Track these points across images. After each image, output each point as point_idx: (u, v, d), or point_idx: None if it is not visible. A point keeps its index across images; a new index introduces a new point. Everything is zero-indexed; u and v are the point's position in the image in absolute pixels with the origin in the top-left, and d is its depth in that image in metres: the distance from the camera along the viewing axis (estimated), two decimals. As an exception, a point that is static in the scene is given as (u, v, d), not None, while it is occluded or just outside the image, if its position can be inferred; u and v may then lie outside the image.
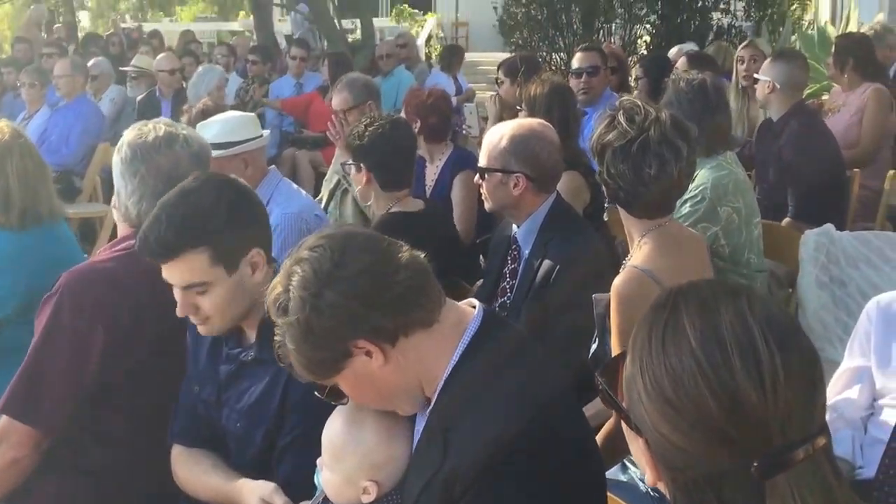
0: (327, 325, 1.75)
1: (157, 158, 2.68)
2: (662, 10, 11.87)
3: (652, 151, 2.57)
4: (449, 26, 23.75)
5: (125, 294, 2.58)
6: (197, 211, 2.29)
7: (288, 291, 1.77)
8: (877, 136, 5.54)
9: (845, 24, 8.55)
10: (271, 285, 1.84)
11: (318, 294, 1.74)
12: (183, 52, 10.94)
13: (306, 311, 1.74)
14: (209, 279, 2.29)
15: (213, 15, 27.16)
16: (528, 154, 3.24)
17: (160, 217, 2.27)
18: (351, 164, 3.90)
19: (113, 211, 2.86)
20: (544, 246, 3.23)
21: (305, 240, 1.85)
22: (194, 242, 2.27)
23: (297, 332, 1.77)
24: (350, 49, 12.43)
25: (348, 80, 5.36)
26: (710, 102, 3.81)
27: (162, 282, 2.34)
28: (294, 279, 1.77)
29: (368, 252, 1.81)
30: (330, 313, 1.74)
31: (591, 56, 5.85)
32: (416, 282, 1.81)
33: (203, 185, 2.37)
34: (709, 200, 3.70)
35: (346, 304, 1.75)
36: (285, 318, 1.77)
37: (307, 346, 1.77)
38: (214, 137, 3.83)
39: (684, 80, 3.89)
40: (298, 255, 1.80)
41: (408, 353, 1.81)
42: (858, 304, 3.79)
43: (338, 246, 1.80)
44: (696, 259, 2.78)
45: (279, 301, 1.79)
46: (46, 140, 7.40)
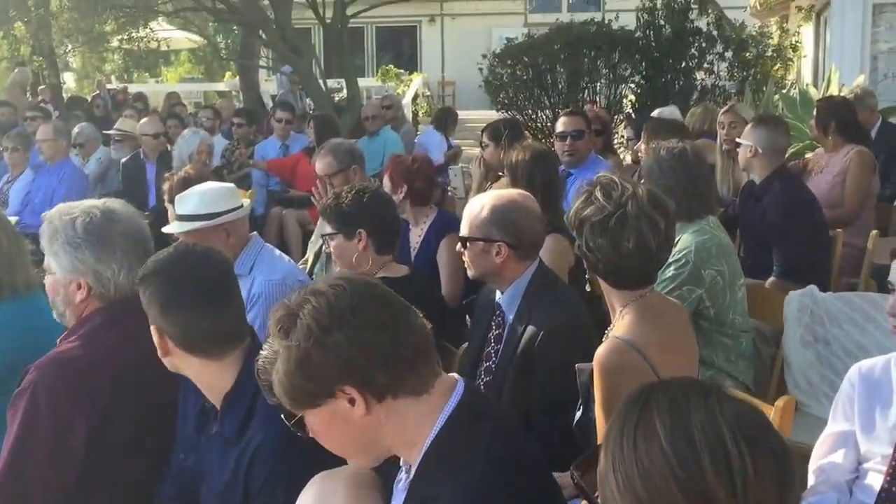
0: (325, 362, 1.75)
1: (118, 228, 2.74)
2: (646, 70, 11.99)
3: (630, 226, 2.59)
4: (435, 85, 24.03)
5: (100, 378, 2.54)
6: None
7: (296, 316, 1.77)
8: (860, 196, 5.61)
9: (827, 85, 8.67)
10: (278, 304, 1.85)
11: (328, 330, 1.75)
12: (168, 114, 10.99)
13: (310, 342, 1.75)
14: None
15: (200, 76, 27.35)
16: (509, 223, 3.24)
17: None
18: (335, 234, 3.86)
19: (63, 298, 2.77)
20: (528, 311, 3.23)
21: (323, 278, 1.85)
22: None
23: (292, 358, 1.76)
24: (336, 109, 12.52)
25: (332, 146, 5.38)
26: (690, 169, 3.84)
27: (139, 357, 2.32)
28: (306, 307, 1.77)
29: (386, 308, 1.83)
30: (332, 353, 1.75)
31: (575, 120, 5.91)
32: (421, 349, 1.83)
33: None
34: (692, 264, 3.72)
35: (350, 350, 1.75)
36: (285, 340, 1.77)
37: (298, 374, 1.77)
38: (195, 209, 3.85)
39: (665, 149, 3.93)
40: (315, 287, 1.82)
41: (391, 413, 1.81)
42: (843, 362, 3.86)
43: (357, 291, 1.81)
44: (678, 329, 2.77)
45: (282, 322, 1.79)
46: (30, 202, 7.41)
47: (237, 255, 3.90)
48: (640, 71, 12.11)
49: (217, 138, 9.76)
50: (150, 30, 13.66)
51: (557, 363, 3.00)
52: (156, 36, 14.26)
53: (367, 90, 20.62)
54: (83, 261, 2.69)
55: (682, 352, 2.74)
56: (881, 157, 6.15)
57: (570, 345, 3.05)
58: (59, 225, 2.73)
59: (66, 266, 2.71)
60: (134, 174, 8.04)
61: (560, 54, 12.22)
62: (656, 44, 11.98)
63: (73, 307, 2.74)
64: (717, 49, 12.03)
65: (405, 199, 4.83)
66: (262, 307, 3.78)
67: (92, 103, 13.36)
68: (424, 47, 25.87)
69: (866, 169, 5.64)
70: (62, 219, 2.74)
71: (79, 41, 13.50)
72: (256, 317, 3.75)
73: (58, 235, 2.71)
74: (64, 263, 2.71)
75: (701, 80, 12.05)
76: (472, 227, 3.30)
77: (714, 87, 11.97)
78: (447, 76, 24.38)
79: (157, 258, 2.46)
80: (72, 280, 2.71)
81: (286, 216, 8.22)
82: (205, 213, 3.85)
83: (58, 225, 2.73)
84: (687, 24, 11.97)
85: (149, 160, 8.01)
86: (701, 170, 3.96)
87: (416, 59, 25.74)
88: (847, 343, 3.93)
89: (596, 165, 5.85)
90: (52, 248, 2.73)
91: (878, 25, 11.19)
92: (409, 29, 25.67)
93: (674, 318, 2.78)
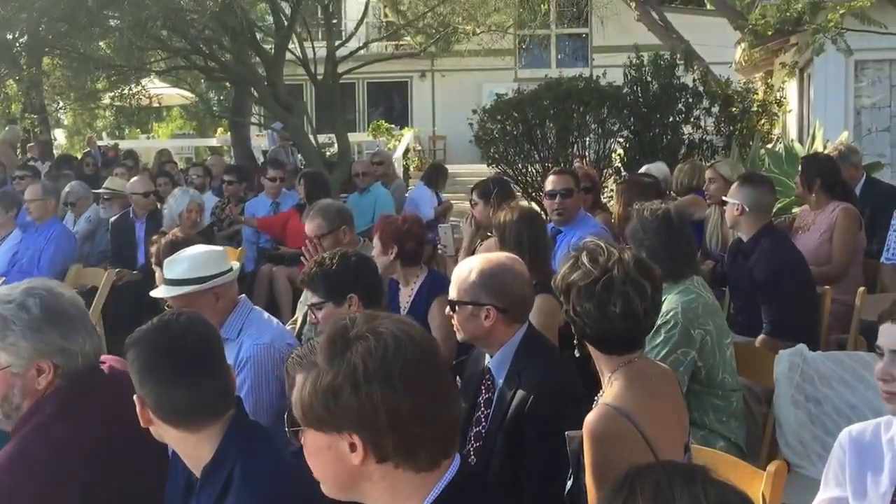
0: (350, 404, 1.72)
1: (66, 299, 2.70)
2: (634, 125, 12.08)
3: (616, 290, 2.60)
4: (426, 139, 24.18)
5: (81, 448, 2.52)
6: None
7: (349, 345, 1.75)
8: (847, 254, 5.65)
9: (811, 141, 8.75)
10: (341, 317, 1.83)
11: (369, 379, 1.71)
12: (158, 172, 11.01)
13: (347, 382, 1.72)
14: None
15: (191, 132, 27.49)
16: (498, 287, 3.25)
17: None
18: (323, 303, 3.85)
19: (19, 390, 2.61)
20: (518, 375, 3.21)
21: (390, 316, 1.83)
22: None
23: (323, 384, 1.74)
24: (327, 165, 12.57)
25: (321, 207, 5.40)
26: (674, 231, 3.87)
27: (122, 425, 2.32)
28: (361, 344, 1.75)
29: (434, 383, 1.79)
30: (358, 402, 1.72)
31: (563, 179, 5.94)
32: (443, 435, 1.81)
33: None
34: (682, 325, 3.73)
35: (376, 409, 1.72)
36: (327, 364, 1.74)
37: (320, 399, 1.74)
38: (184, 273, 3.85)
39: (648, 210, 3.95)
40: (380, 325, 1.78)
41: (386, 477, 1.79)
42: (834, 421, 3.86)
43: (416, 353, 1.77)
44: (667, 394, 2.77)
45: (335, 343, 1.76)
46: (17, 262, 7.38)
47: (226, 319, 3.90)
48: (628, 126, 12.19)
49: (207, 196, 9.77)
50: (141, 87, 13.71)
51: (548, 429, 2.98)
52: (148, 93, 14.31)
53: (358, 145, 20.76)
54: (48, 342, 2.59)
55: (672, 417, 2.73)
56: (866, 212, 6.20)
57: (561, 409, 3.03)
58: (7, 314, 2.59)
59: (27, 353, 2.58)
60: (123, 233, 8.02)
61: (549, 109, 12.31)
62: (644, 99, 12.08)
63: (32, 395, 2.61)
64: (704, 104, 12.15)
65: (395, 259, 4.83)
66: (250, 371, 3.76)
67: (82, 161, 13.40)
68: (415, 102, 26.08)
69: (852, 226, 5.69)
70: (6, 307, 2.60)
71: (71, 98, 13.55)
72: (245, 380, 3.75)
73: (10, 325, 2.57)
74: (24, 351, 2.58)
75: (688, 134, 12.15)
76: (461, 291, 3.29)
77: (701, 141, 12.07)
78: (438, 131, 24.55)
79: (142, 328, 2.46)
80: (31, 367, 2.60)
81: (276, 273, 8.20)
82: (194, 278, 3.85)
83: (6, 314, 2.59)
84: (673, 79, 12.10)
85: (138, 219, 8.00)
86: (684, 230, 4.00)
87: (407, 114, 25.92)
88: (838, 402, 3.92)
89: (585, 223, 5.87)
90: (7, 339, 2.57)
91: (860, 81, 11.35)
92: (401, 84, 25.89)
93: (663, 383, 2.78)
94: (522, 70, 24.28)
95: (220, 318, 3.84)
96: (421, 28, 15.19)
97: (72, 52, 11.78)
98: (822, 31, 7.51)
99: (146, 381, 2.37)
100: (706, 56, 15.59)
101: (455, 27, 14.79)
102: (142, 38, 10.65)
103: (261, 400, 3.75)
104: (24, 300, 2.61)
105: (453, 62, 20.46)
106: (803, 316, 4.80)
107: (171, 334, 2.43)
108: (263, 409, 3.74)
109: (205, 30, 11.34)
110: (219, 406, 2.42)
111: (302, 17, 13.73)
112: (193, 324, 2.48)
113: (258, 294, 7.98)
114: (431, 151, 23.95)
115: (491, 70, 21.60)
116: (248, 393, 3.72)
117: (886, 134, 11.31)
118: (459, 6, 14.48)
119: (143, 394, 2.37)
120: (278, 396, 3.80)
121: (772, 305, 4.78)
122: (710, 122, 12.19)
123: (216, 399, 2.42)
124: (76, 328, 2.67)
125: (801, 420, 3.94)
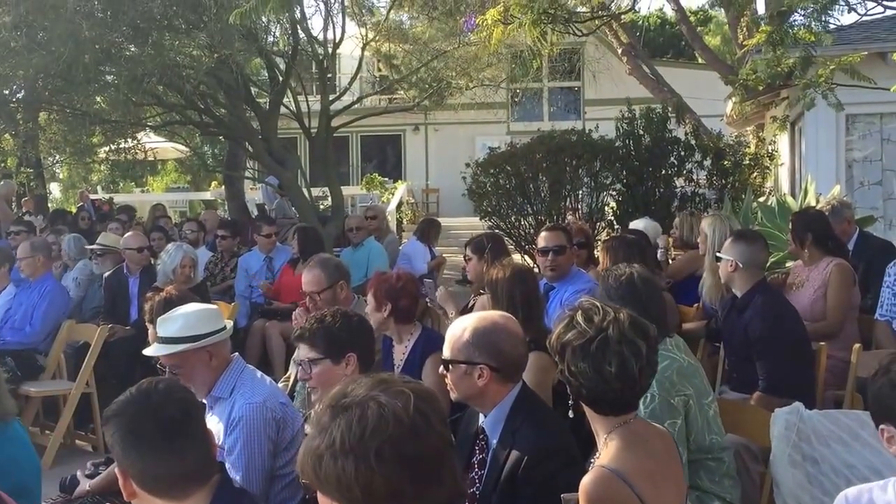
0: (328, 472, 1.73)
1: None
2: (627, 178, 12.14)
3: (611, 350, 2.61)
4: (420, 192, 24.27)
5: None
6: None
7: (334, 420, 1.74)
8: (841, 310, 5.64)
9: (804, 195, 8.78)
10: (351, 379, 1.84)
11: (344, 453, 1.71)
12: (152, 227, 11.03)
13: (327, 451, 1.72)
14: None
15: (186, 185, 27.58)
16: (491, 346, 3.24)
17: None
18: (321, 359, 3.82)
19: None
20: (511, 435, 3.20)
21: (395, 384, 1.80)
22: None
23: (314, 446, 1.75)
24: (320, 219, 12.60)
25: (321, 261, 5.43)
26: (639, 295, 3.82)
27: None
28: (343, 417, 1.74)
29: (417, 466, 1.74)
30: (335, 472, 1.72)
31: (556, 235, 5.96)
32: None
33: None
34: (659, 397, 3.66)
35: (350, 482, 1.71)
36: (314, 430, 1.76)
37: (307, 459, 1.75)
38: (178, 331, 3.84)
39: (612, 276, 3.94)
40: (376, 396, 1.76)
41: None
42: (832, 481, 3.83)
43: (397, 435, 1.73)
44: (663, 455, 2.75)
45: (329, 410, 1.77)
46: (10, 319, 7.37)
47: (219, 378, 3.88)
48: (620, 179, 12.25)
49: (202, 250, 9.80)
50: (137, 141, 13.78)
51: (543, 491, 2.95)
52: (143, 147, 14.39)
53: (352, 198, 20.83)
54: None
55: (669, 478, 2.72)
56: (860, 267, 6.20)
57: (556, 471, 3.02)
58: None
59: None
60: (117, 288, 8.01)
61: (542, 163, 12.37)
62: (636, 152, 12.15)
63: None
64: (696, 157, 12.22)
65: (389, 316, 4.82)
66: (242, 431, 3.73)
67: (77, 215, 13.44)
68: (409, 155, 26.22)
69: (846, 282, 5.69)
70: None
71: (66, 153, 13.61)
72: (237, 440, 3.72)
73: None
74: None
75: (681, 187, 12.21)
76: (454, 350, 3.28)
77: (694, 194, 12.13)
78: (431, 184, 24.66)
79: (120, 399, 2.45)
80: None
81: (269, 328, 8.20)
82: (188, 336, 3.83)
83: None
84: (665, 133, 12.18)
85: (132, 274, 8.00)
86: (651, 293, 3.92)
87: (400, 167, 26.04)
88: (836, 462, 3.89)
89: (578, 278, 5.88)
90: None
91: (851, 134, 11.44)
92: (394, 137, 26.05)
93: (659, 445, 2.76)
94: (515, 123, 24.44)
95: (213, 376, 3.84)
96: (414, 82, 15.33)
97: (68, 107, 11.87)
98: (812, 86, 7.58)
99: (129, 452, 2.35)
100: (697, 109, 15.73)
101: (448, 81, 14.93)
102: (138, 93, 10.77)
103: (253, 459, 3.71)
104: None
105: (446, 116, 20.64)
106: (799, 372, 4.78)
107: (151, 404, 2.41)
108: (256, 469, 3.72)
109: (200, 85, 11.44)
110: (204, 472, 2.41)
111: (297, 72, 13.87)
112: (173, 391, 2.47)
113: (251, 349, 7.96)
114: (425, 204, 24.04)
115: (484, 123, 21.76)
116: (240, 452, 3.70)
117: (878, 187, 11.37)
118: (453, 61, 14.64)
119: (126, 466, 2.35)
120: (270, 456, 3.78)
121: (767, 362, 4.76)
122: (702, 176, 12.25)
123: (201, 465, 2.41)
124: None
125: (799, 480, 3.90)
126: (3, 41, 9.63)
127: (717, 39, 29.37)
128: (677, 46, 31.31)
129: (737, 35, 15.67)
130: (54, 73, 9.88)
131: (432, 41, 14.57)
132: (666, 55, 29.77)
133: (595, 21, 9.74)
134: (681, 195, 12.07)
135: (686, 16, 18.11)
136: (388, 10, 14.82)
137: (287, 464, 3.81)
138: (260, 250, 9.31)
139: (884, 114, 11.21)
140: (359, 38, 14.73)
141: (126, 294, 7.91)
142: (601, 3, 9.22)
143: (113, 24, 10.02)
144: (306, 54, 13.97)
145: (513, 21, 7.17)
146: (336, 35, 13.84)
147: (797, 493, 3.89)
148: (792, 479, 3.90)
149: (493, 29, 7.49)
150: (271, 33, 13.41)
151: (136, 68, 9.78)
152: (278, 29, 13.32)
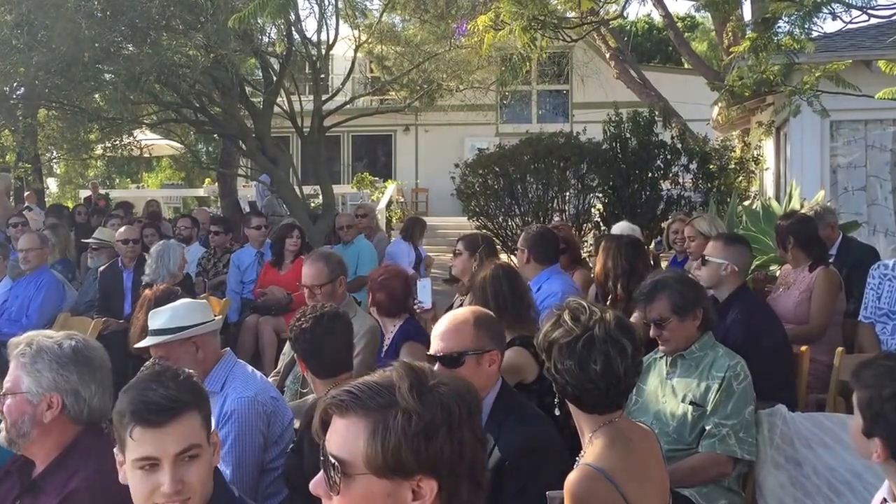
0: (440, 449, 1.62)
1: (98, 353, 2.94)
2: (614, 181, 12.24)
3: (597, 349, 2.65)
4: (409, 192, 24.32)
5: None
6: (186, 379, 2.46)
7: (436, 394, 1.64)
8: (825, 315, 5.66)
9: (788, 200, 8.87)
10: (404, 363, 1.71)
11: (460, 424, 1.63)
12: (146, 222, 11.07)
13: (444, 425, 1.61)
14: (201, 442, 2.40)
15: (180, 182, 27.55)
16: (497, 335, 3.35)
17: (155, 382, 2.40)
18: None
19: (30, 417, 2.82)
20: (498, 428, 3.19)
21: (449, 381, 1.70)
22: (196, 398, 2.42)
23: (415, 426, 1.60)
24: (311, 216, 12.68)
25: (324, 254, 5.51)
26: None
27: None
28: (445, 390, 1.65)
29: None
30: (451, 446, 1.62)
31: None
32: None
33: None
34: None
35: (463, 455, 1.64)
36: (418, 406, 1.61)
37: (408, 441, 1.60)
38: (165, 323, 3.89)
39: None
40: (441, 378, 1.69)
41: None
42: (815, 484, 3.85)
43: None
44: (648, 455, 2.78)
45: (423, 387, 1.64)
46: (6, 311, 7.40)
47: (208, 371, 3.92)
48: (607, 181, 12.36)
49: (195, 247, 9.86)
50: (133, 138, 13.83)
51: (529, 486, 2.99)
52: (139, 144, 14.44)
53: (342, 196, 20.88)
54: (67, 378, 2.81)
55: (653, 478, 2.75)
56: (843, 272, 6.17)
57: (542, 463, 3.05)
58: (44, 344, 2.86)
59: (46, 383, 2.80)
60: (111, 282, 8.05)
61: (530, 164, 12.49)
62: (623, 155, 12.26)
63: (40, 428, 2.81)
64: (682, 161, 12.34)
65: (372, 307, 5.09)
66: (234, 425, 3.77)
67: (74, 211, 13.53)
68: (399, 155, 26.25)
69: (832, 288, 5.71)
70: (45, 340, 2.88)
71: (64, 149, 13.67)
72: (229, 434, 3.75)
73: (43, 353, 2.83)
74: (44, 380, 2.80)
75: (667, 190, 12.32)
76: (464, 341, 3.26)
77: (679, 197, 12.24)
78: (421, 183, 24.70)
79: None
80: (44, 399, 2.80)
81: (262, 324, 8.22)
82: (173, 327, 3.89)
83: (43, 344, 2.86)
84: (652, 136, 12.30)
85: (126, 268, 8.05)
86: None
87: (390, 167, 26.07)
88: (818, 465, 3.89)
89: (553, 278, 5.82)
90: (35, 365, 2.82)
91: (836, 140, 11.53)
92: (385, 137, 26.08)
93: (644, 444, 2.79)
94: (504, 125, 24.54)
95: (201, 369, 3.84)
96: (406, 84, 15.40)
97: (67, 104, 11.93)
98: (797, 93, 7.66)
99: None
100: (684, 113, 15.87)
101: (439, 83, 15.02)
102: (135, 91, 10.85)
103: (244, 454, 3.76)
104: (60, 340, 2.88)
105: (437, 117, 20.77)
106: (780, 376, 4.75)
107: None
108: (247, 462, 3.76)
109: (196, 84, 11.50)
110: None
111: (290, 72, 13.95)
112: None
113: (243, 345, 7.98)
114: (414, 204, 24.10)
115: (473, 125, 21.84)
116: (231, 446, 3.73)
117: (862, 193, 11.46)
118: (443, 63, 14.72)
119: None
120: (262, 450, 3.83)
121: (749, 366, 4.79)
122: (688, 179, 12.37)
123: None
124: (94, 378, 2.87)
125: (782, 482, 3.93)
126: (5, 39, 9.72)
127: (703, 45, 29.44)
128: (664, 51, 31.44)
129: (723, 40, 15.81)
130: (54, 70, 9.93)
131: (424, 44, 14.64)
132: (653, 60, 29.87)
133: (584, 27, 9.80)
134: (667, 198, 12.19)
135: (673, 21, 18.23)
136: (380, 13, 14.91)
137: (277, 457, 3.85)
138: (252, 245, 9.36)
139: (868, 120, 11.30)
140: (352, 40, 14.80)
141: (121, 288, 7.93)
142: (590, 8, 9.29)
143: (112, 24, 10.12)
144: (300, 55, 14.06)
145: (503, 27, 7.25)
146: (329, 37, 13.95)
147: (780, 495, 3.91)
148: (774, 481, 3.93)
149: (483, 35, 7.57)
150: (266, 35, 13.51)
151: (133, 67, 9.88)
152: (273, 31, 13.43)
